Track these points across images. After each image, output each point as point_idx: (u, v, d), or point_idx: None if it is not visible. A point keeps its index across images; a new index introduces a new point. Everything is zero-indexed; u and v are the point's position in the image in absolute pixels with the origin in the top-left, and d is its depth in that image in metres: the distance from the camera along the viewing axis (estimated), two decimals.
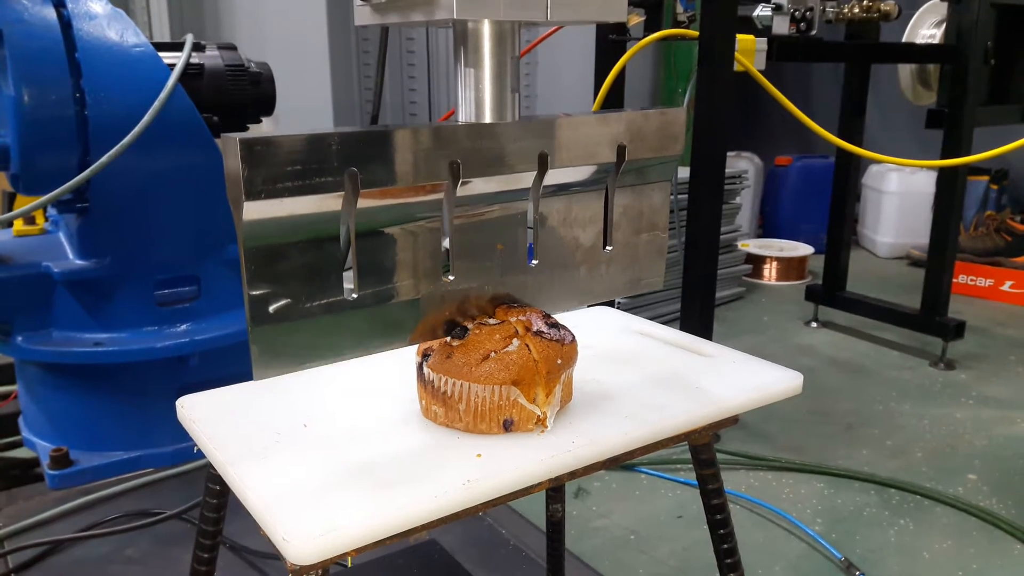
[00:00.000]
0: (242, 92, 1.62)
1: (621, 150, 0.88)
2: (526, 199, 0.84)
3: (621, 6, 0.79)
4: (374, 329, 0.78)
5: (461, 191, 0.78)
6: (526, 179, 0.83)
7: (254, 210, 0.66)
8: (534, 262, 0.87)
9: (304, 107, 3.32)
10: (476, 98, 0.79)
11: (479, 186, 0.80)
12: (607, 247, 0.93)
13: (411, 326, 0.80)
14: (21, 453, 1.85)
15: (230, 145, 0.65)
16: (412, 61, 4.25)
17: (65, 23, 1.43)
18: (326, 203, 0.70)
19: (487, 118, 0.80)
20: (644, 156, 0.91)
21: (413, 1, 0.71)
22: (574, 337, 0.84)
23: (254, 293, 0.69)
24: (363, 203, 0.72)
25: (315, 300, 0.72)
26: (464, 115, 0.80)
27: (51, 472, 1.57)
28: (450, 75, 4.25)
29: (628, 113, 0.88)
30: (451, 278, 0.81)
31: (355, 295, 0.75)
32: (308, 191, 0.68)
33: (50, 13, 1.43)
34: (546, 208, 0.86)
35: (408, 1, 0.71)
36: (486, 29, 0.77)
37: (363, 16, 0.79)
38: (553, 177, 0.85)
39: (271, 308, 0.70)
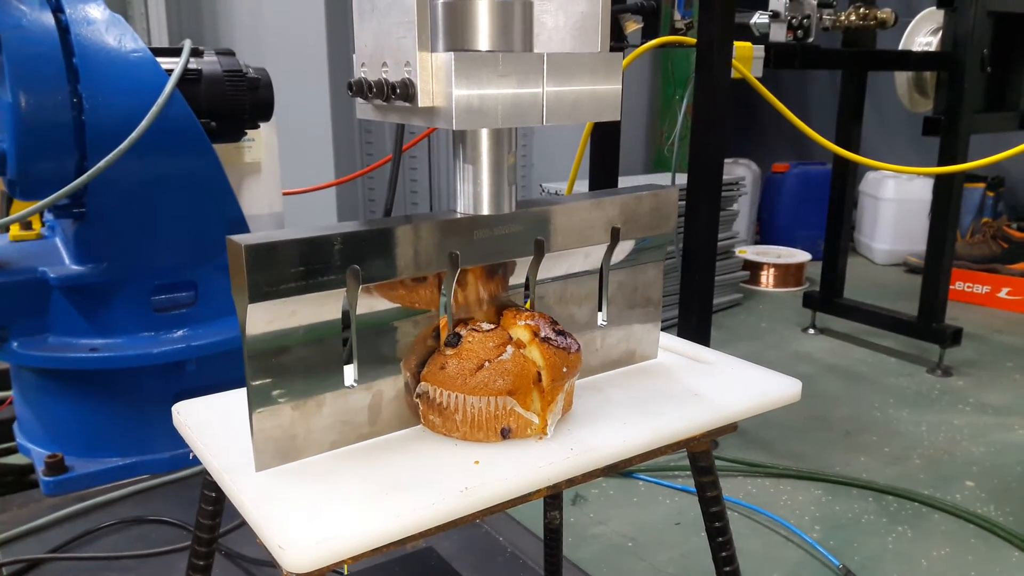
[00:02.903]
0: (240, 98, 1.62)
1: (615, 232, 0.92)
2: (523, 288, 0.88)
3: (615, 107, 0.81)
4: (375, 416, 0.80)
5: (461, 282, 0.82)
6: (523, 264, 0.87)
7: (258, 311, 0.69)
8: None
9: (303, 111, 3.32)
10: (474, 192, 0.82)
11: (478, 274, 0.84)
12: (602, 322, 0.97)
13: (411, 410, 0.83)
14: (16, 460, 1.84)
15: (235, 250, 0.67)
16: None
17: (63, 28, 1.43)
18: (328, 300, 0.73)
19: (485, 210, 0.82)
20: (637, 236, 0.95)
21: (413, 110, 0.73)
22: (580, 346, 0.83)
23: (255, 383, 0.71)
24: (364, 300, 0.75)
25: (316, 391, 0.75)
26: (463, 207, 0.83)
27: (46, 479, 1.56)
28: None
29: (622, 196, 0.92)
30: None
31: (355, 383, 0.77)
32: (311, 289, 0.71)
33: (48, 18, 1.42)
34: (543, 289, 0.90)
35: (408, 108, 0.73)
36: (484, 133, 0.80)
37: (364, 112, 0.81)
38: (549, 265, 0.88)
39: (272, 398, 0.72)
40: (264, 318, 0.69)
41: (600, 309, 0.97)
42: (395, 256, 0.75)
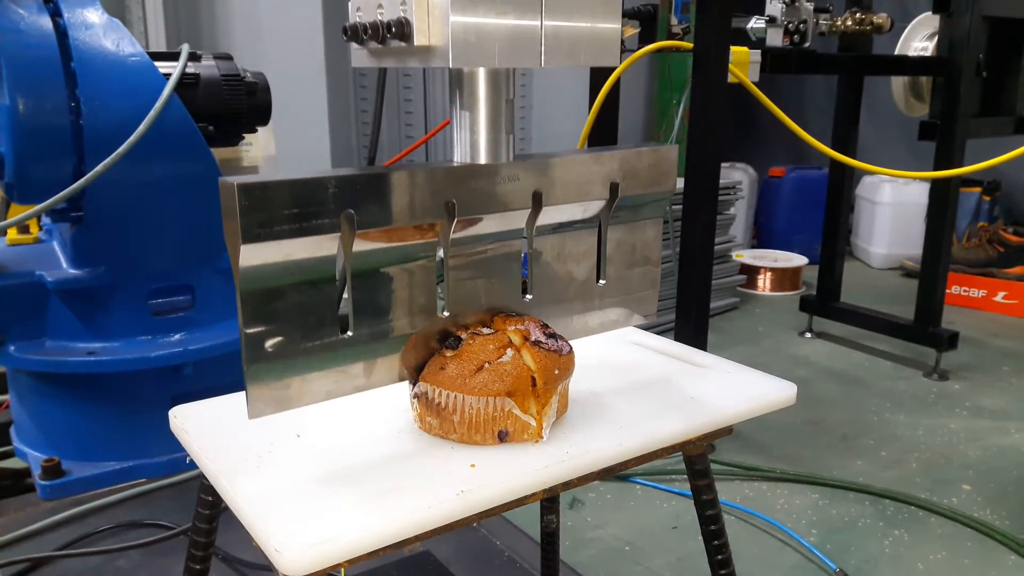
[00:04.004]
0: (238, 102, 1.62)
1: (614, 187, 0.90)
2: (521, 236, 0.86)
3: (614, 51, 0.80)
4: (369, 367, 0.78)
5: (458, 232, 0.80)
6: (521, 217, 0.85)
7: (251, 252, 0.67)
8: (528, 297, 0.89)
9: (301, 117, 3.33)
10: (471, 140, 0.80)
11: (475, 227, 0.81)
12: (600, 281, 0.95)
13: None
14: (13, 463, 1.84)
15: (227, 189, 0.66)
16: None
17: (61, 32, 1.43)
18: (322, 244, 0.71)
19: (482, 159, 0.81)
20: (637, 192, 0.93)
21: (409, 49, 0.72)
22: (571, 348, 0.84)
23: (250, 331, 0.69)
24: (359, 245, 0.73)
25: (311, 339, 0.73)
26: (459, 156, 0.82)
27: (43, 483, 1.56)
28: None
29: (621, 151, 0.90)
30: (446, 314, 0.82)
31: (350, 334, 0.75)
32: (305, 233, 0.69)
33: (46, 22, 1.43)
34: (541, 243, 0.88)
35: (404, 48, 0.72)
36: (481, 75, 0.79)
37: (360, 59, 0.79)
38: (547, 215, 0.86)
39: (266, 347, 0.71)
40: (257, 261, 0.68)
41: (599, 267, 0.95)
42: (390, 202, 0.73)
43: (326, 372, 0.75)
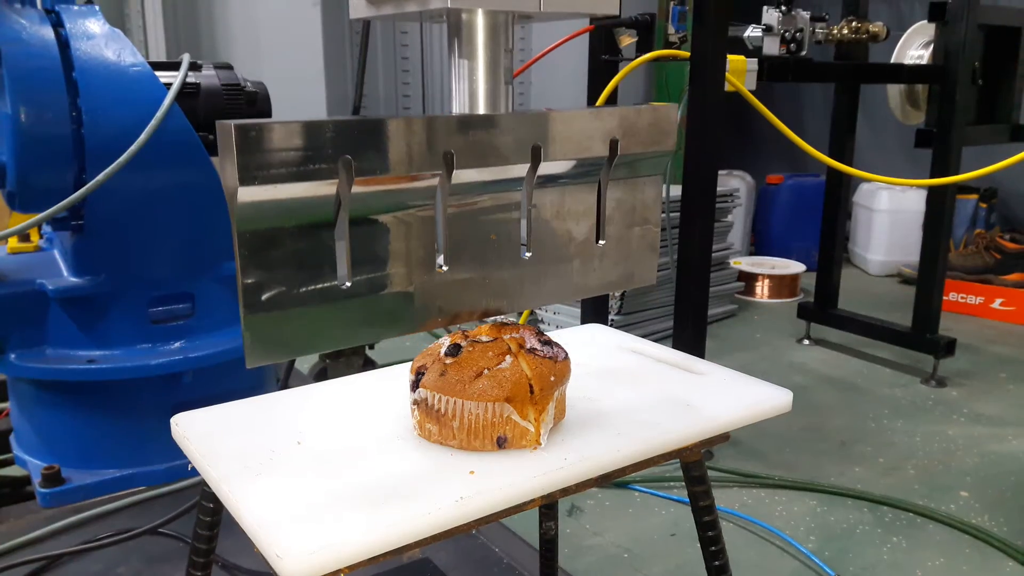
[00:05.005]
0: (238, 111, 1.63)
1: (614, 144, 0.88)
2: (519, 190, 0.84)
3: (613, 1, 0.80)
4: (367, 318, 0.77)
5: (456, 179, 0.78)
6: (519, 170, 0.83)
7: (248, 195, 0.66)
8: (527, 254, 0.87)
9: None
10: (470, 89, 0.80)
11: (473, 175, 0.79)
12: (600, 241, 0.92)
13: (404, 316, 0.79)
14: (12, 471, 1.84)
15: (225, 131, 0.65)
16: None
17: (63, 43, 1.44)
18: (320, 190, 0.70)
19: (481, 109, 0.80)
20: (636, 151, 0.90)
21: None
22: (567, 354, 0.84)
23: (247, 280, 0.68)
24: (357, 190, 0.71)
25: (308, 287, 0.72)
26: (458, 106, 0.81)
27: (42, 490, 1.56)
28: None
29: (621, 108, 0.88)
30: (444, 268, 0.80)
31: (348, 283, 0.74)
32: (302, 178, 0.68)
33: (48, 33, 1.44)
34: (539, 200, 0.86)
35: None
36: (480, 20, 0.78)
37: (359, 9, 0.79)
38: (546, 169, 0.84)
39: (264, 296, 0.69)
40: (254, 205, 0.67)
41: (598, 227, 0.92)
42: (387, 150, 0.72)
43: (324, 322, 0.74)
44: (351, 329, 0.76)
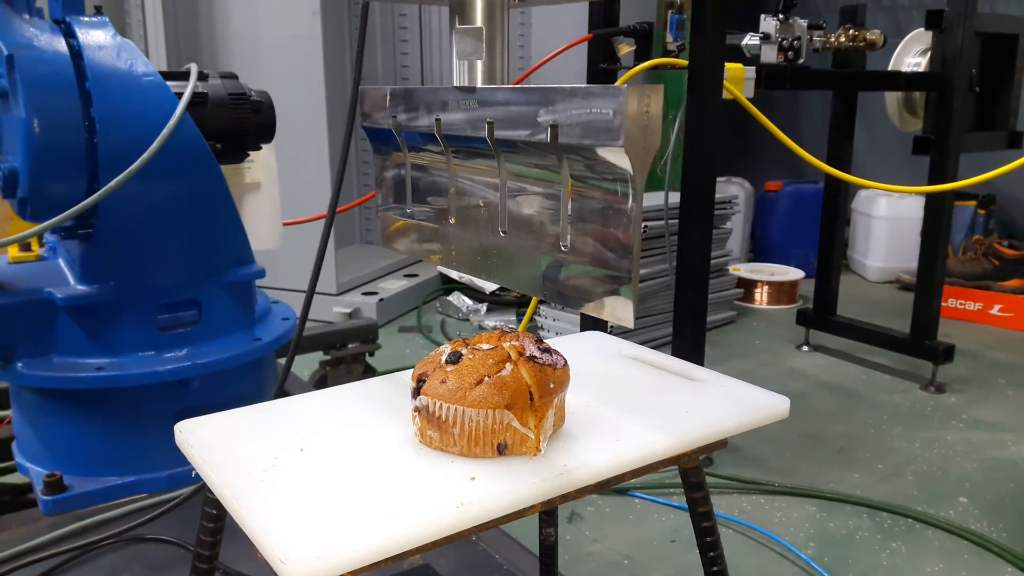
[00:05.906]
0: (244, 120, 1.64)
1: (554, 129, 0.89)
2: (491, 155, 0.91)
3: None
4: (445, 245, 1.02)
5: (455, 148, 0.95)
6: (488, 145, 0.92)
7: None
8: (503, 232, 0.92)
9: (300, 133, 3.35)
10: (469, 64, 0.89)
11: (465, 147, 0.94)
12: (563, 247, 0.88)
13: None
14: (14, 479, 1.84)
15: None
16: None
17: (75, 53, 1.45)
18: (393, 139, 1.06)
19: (479, 83, 0.90)
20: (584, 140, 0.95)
21: None
22: (566, 362, 0.85)
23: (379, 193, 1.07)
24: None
25: (403, 204, 1.07)
26: (456, 79, 0.90)
27: (44, 498, 1.57)
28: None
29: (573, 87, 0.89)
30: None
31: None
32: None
33: (60, 43, 1.45)
34: (511, 185, 0.91)
35: None
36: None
37: None
38: (511, 160, 0.91)
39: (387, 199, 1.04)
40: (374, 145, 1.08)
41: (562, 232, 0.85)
42: (419, 115, 0.95)
43: (418, 235, 1.06)
44: (433, 246, 1.04)
